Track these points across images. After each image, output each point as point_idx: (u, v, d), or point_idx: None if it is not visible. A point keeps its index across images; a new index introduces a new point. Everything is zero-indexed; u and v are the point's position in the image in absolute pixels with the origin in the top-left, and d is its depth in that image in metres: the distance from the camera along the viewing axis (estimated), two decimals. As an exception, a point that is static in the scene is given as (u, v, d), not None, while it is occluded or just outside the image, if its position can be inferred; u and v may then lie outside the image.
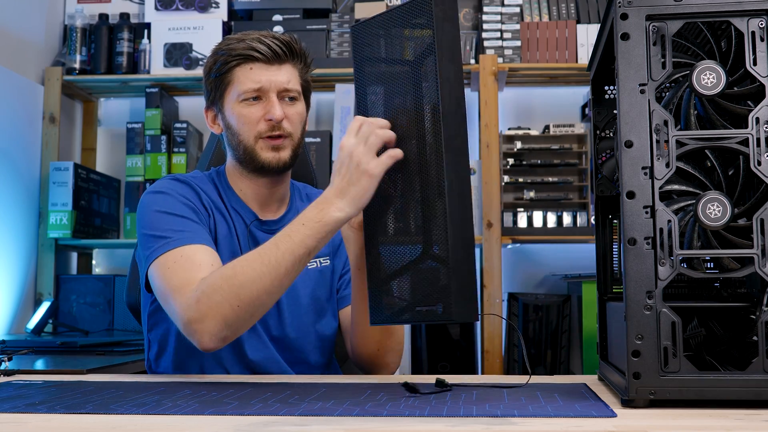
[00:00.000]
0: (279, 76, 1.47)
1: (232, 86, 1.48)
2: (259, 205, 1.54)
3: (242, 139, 1.48)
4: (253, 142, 1.47)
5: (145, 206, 1.46)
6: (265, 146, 1.47)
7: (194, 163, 3.14)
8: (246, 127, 1.47)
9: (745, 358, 1.02)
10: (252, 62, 1.47)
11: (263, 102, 1.47)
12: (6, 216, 2.78)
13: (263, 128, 1.47)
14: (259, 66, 1.47)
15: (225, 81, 1.49)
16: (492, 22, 3.02)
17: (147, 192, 1.49)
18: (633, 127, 1.03)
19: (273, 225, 1.53)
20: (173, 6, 3.12)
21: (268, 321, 1.49)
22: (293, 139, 1.49)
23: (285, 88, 1.48)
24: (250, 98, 1.47)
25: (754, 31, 1.02)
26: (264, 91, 1.47)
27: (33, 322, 2.68)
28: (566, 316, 2.91)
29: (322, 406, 1.01)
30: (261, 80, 1.46)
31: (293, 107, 1.50)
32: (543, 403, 1.05)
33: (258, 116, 1.47)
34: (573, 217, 2.91)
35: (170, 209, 1.43)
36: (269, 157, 1.48)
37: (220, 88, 1.50)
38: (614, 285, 1.33)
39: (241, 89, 1.47)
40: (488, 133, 2.91)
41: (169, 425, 0.91)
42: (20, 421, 0.94)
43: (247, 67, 1.47)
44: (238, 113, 1.47)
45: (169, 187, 1.48)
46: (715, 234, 1.03)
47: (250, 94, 1.46)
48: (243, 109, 1.47)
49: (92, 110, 3.32)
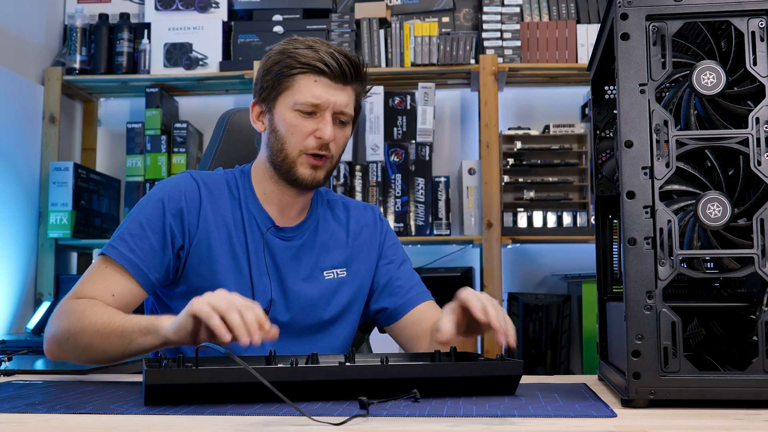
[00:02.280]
0: (340, 97, 1.45)
1: (290, 91, 1.45)
2: (280, 211, 1.52)
3: (286, 147, 1.46)
4: (296, 154, 1.45)
5: (145, 196, 1.48)
6: (306, 162, 1.45)
7: (194, 163, 3.14)
8: (294, 138, 1.45)
9: (745, 358, 1.02)
10: (318, 75, 1.44)
11: (317, 118, 1.44)
12: (6, 216, 2.78)
13: (311, 144, 1.44)
14: (324, 81, 1.44)
15: (284, 84, 1.45)
16: (492, 22, 3.02)
17: (158, 184, 1.50)
18: (633, 127, 1.03)
19: (290, 232, 1.52)
20: (173, 6, 3.12)
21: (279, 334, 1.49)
22: (332, 160, 1.48)
23: (342, 110, 1.45)
24: (305, 111, 1.44)
25: (754, 31, 1.02)
26: (321, 107, 1.44)
27: (33, 322, 2.68)
28: (566, 316, 2.91)
29: (322, 406, 1.01)
30: (321, 96, 1.43)
31: (342, 131, 1.48)
32: (543, 403, 1.05)
33: (309, 131, 1.44)
34: (573, 217, 2.91)
35: (144, 217, 1.43)
36: (306, 173, 1.46)
37: (277, 88, 1.46)
38: (614, 285, 1.33)
39: (299, 99, 1.43)
40: (488, 133, 2.92)
41: (169, 425, 0.91)
42: (20, 421, 0.94)
43: (311, 78, 1.44)
44: (290, 121, 1.45)
45: (170, 190, 1.46)
46: (715, 234, 1.03)
47: (307, 107, 1.43)
48: (295, 119, 1.44)
49: (92, 110, 3.32)
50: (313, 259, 1.53)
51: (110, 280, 1.38)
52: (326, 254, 1.54)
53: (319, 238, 1.55)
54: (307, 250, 1.53)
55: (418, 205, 2.95)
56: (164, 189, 1.47)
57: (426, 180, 2.96)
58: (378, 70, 3.01)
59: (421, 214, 2.95)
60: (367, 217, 1.62)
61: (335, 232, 1.57)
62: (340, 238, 1.57)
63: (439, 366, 1.17)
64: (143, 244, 1.41)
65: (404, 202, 2.95)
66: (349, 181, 2.96)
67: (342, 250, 1.56)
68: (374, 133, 2.98)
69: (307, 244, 1.53)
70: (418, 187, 2.96)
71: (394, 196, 2.96)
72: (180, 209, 1.45)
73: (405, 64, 3.02)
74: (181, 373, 1.04)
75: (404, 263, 1.61)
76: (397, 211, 2.95)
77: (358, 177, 2.96)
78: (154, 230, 1.42)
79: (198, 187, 1.48)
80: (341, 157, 1.53)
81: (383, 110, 3.00)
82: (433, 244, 3.04)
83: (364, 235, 1.59)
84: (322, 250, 1.54)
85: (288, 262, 1.50)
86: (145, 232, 1.41)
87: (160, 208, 1.44)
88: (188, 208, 1.45)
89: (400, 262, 1.60)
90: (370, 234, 1.60)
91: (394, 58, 3.04)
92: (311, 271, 1.52)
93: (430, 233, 2.94)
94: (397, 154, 2.97)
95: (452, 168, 3.17)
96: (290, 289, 1.49)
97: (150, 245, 1.41)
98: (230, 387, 1.04)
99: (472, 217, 2.98)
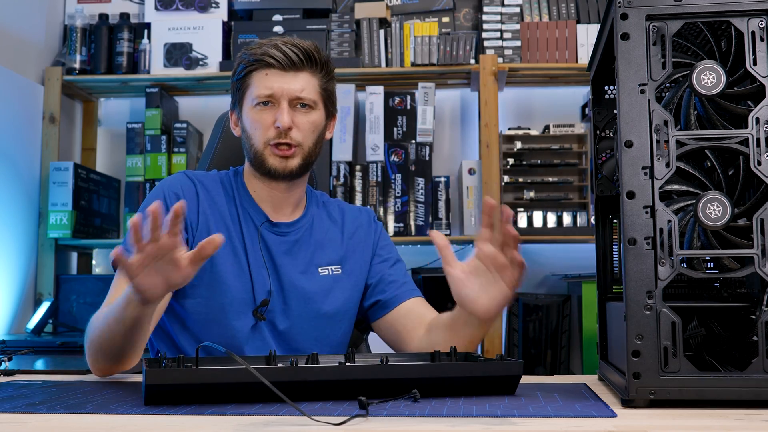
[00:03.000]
0: (292, 84, 1.48)
1: (249, 90, 1.50)
2: (273, 208, 1.55)
3: (253, 143, 1.50)
4: (262, 147, 1.49)
5: (146, 200, 1.52)
6: (272, 153, 1.48)
7: (194, 163, 3.14)
8: (257, 132, 1.49)
9: (745, 358, 1.02)
10: (267, 68, 1.48)
11: (275, 108, 1.48)
12: (6, 216, 2.78)
13: (272, 135, 1.48)
14: (274, 72, 1.48)
15: (244, 85, 1.51)
16: (492, 22, 3.02)
17: (159, 184, 1.53)
18: (633, 127, 1.03)
19: (285, 228, 1.54)
20: (173, 6, 3.12)
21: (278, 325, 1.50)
22: (303, 148, 1.49)
23: (297, 96, 1.48)
24: (261, 103, 1.48)
25: (754, 31, 1.02)
26: (275, 97, 1.47)
27: (33, 322, 2.68)
28: (566, 316, 2.91)
29: (322, 406, 1.01)
30: (273, 87, 1.47)
31: (306, 116, 1.50)
32: (543, 403, 1.05)
33: (268, 122, 1.48)
34: (573, 217, 2.91)
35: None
36: (276, 163, 1.48)
37: (240, 91, 1.52)
38: (614, 285, 1.33)
39: (254, 94, 1.48)
40: (488, 133, 2.92)
41: (169, 425, 0.91)
42: (20, 421, 0.94)
43: (262, 72, 1.48)
44: (252, 117, 1.49)
45: (172, 189, 1.50)
46: (715, 234, 1.03)
47: (261, 99, 1.47)
48: (255, 114, 1.49)
49: (92, 110, 3.32)
50: (309, 255, 1.55)
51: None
52: (321, 251, 1.56)
53: (314, 235, 1.57)
54: (302, 246, 1.55)
55: (418, 205, 2.95)
56: (162, 189, 1.51)
57: (426, 180, 2.96)
58: (378, 70, 3.01)
59: (421, 214, 2.95)
60: (362, 218, 1.64)
61: (330, 230, 1.59)
62: (335, 236, 1.59)
63: (439, 366, 1.17)
64: None
65: (404, 202, 2.95)
66: (349, 181, 2.96)
67: (337, 248, 1.58)
68: (374, 133, 2.98)
69: (302, 240, 1.55)
70: (418, 187, 2.96)
71: (394, 196, 2.96)
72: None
73: (405, 64, 3.02)
74: (181, 373, 1.04)
75: (397, 263, 1.63)
76: (397, 211, 2.95)
77: (358, 177, 2.96)
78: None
79: (194, 184, 1.52)
80: (320, 145, 1.54)
81: (383, 110, 3.00)
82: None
83: (359, 235, 1.61)
84: (317, 247, 1.56)
85: (283, 255, 1.52)
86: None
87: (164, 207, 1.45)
88: (187, 204, 1.48)
89: (393, 261, 1.62)
90: (365, 234, 1.62)
91: (394, 58, 3.04)
92: (306, 266, 1.53)
93: (430, 233, 2.93)
94: (397, 154, 2.97)
95: (452, 168, 3.17)
96: (287, 281, 1.51)
97: None
98: (230, 387, 1.04)
99: (472, 217, 2.98)
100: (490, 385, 1.13)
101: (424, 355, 1.27)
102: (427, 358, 1.26)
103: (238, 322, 1.47)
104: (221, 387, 1.04)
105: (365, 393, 0.97)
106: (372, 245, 1.62)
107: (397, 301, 1.56)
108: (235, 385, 1.04)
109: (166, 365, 1.11)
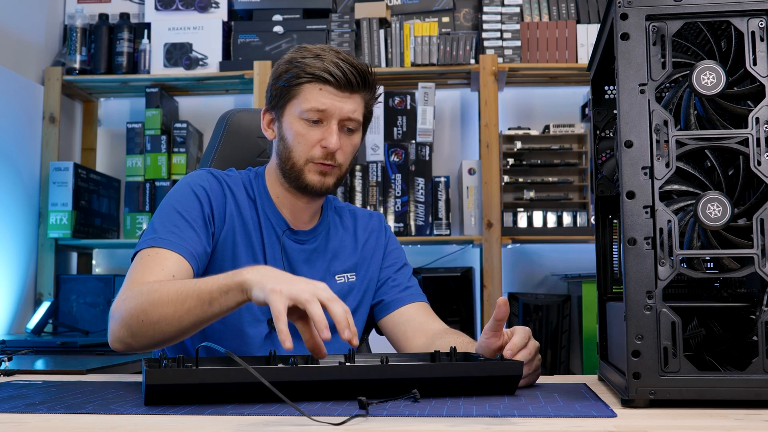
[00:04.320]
0: (346, 105, 1.46)
1: (297, 100, 1.46)
2: (293, 215, 1.54)
3: (293, 155, 1.47)
4: (303, 163, 1.46)
5: (170, 193, 1.47)
6: (313, 169, 1.46)
7: (195, 163, 3.14)
8: (300, 146, 1.46)
9: (745, 358, 1.02)
10: (323, 83, 1.45)
11: (323, 126, 1.45)
12: (6, 216, 2.78)
13: (317, 154, 1.45)
14: (329, 89, 1.45)
15: (291, 93, 1.47)
16: (492, 22, 3.02)
17: (183, 178, 1.50)
18: (633, 127, 1.03)
19: (304, 236, 1.54)
20: (173, 6, 3.12)
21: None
22: (341, 168, 1.49)
23: (348, 117, 1.46)
24: (311, 119, 1.45)
25: (754, 31, 1.02)
26: (327, 115, 1.45)
27: (33, 322, 2.68)
28: (566, 316, 2.91)
29: (322, 406, 1.01)
30: (327, 104, 1.44)
31: (350, 138, 1.48)
32: (543, 403, 1.05)
33: (315, 140, 1.45)
34: (573, 217, 2.91)
35: (181, 208, 1.43)
36: (315, 180, 1.47)
37: (285, 97, 1.48)
38: (614, 285, 1.33)
39: (305, 107, 1.45)
40: (488, 133, 2.92)
41: (169, 425, 0.91)
42: (20, 421, 0.94)
43: (317, 86, 1.45)
44: (296, 130, 1.46)
45: (200, 183, 1.48)
46: (715, 234, 1.03)
47: (312, 114, 1.44)
48: (301, 128, 1.46)
49: (92, 110, 3.32)
50: (326, 263, 1.55)
51: (167, 263, 1.35)
52: (337, 259, 1.57)
53: (331, 243, 1.58)
54: (320, 255, 1.55)
55: (418, 205, 2.95)
56: (188, 184, 1.48)
57: (426, 180, 2.96)
58: (378, 70, 3.01)
59: (421, 214, 2.95)
60: (373, 224, 1.65)
61: (344, 238, 1.60)
62: (348, 244, 1.60)
63: (439, 366, 1.17)
64: (189, 233, 1.40)
65: (404, 202, 2.95)
66: (349, 181, 2.96)
67: (351, 255, 1.59)
68: (374, 133, 2.98)
69: (319, 248, 1.56)
70: (418, 187, 2.96)
71: (394, 196, 2.96)
72: (209, 202, 1.47)
73: (405, 64, 3.02)
74: (181, 373, 1.04)
75: (404, 267, 1.64)
76: (397, 211, 2.95)
77: (358, 177, 2.96)
78: (194, 219, 1.43)
79: (221, 185, 1.50)
80: (352, 165, 1.53)
81: (383, 110, 3.00)
82: (433, 244, 3.04)
83: (371, 242, 1.63)
84: (333, 256, 1.57)
85: (302, 264, 1.52)
86: (187, 221, 1.41)
87: (195, 199, 1.45)
88: (216, 203, 1.47)
89: (400, 265, 1.64)
90: (376, 240, 1.63)
91: (394, 58, 3.04)
92: (324, 274, 1.54)
93: (430, 233, 2.94)
94: (397, 154, 2.97)
95: (452, 168, 3.17)
96: None
97: (195, 233, 1.41)
98: (230, 387, 1.04)
99: (472, 217, 2.98)
100: (490, 385, 1.13)
101: (424, 355, 1.27)
102: (427, 358, 1.26)
103: (253, 330, 1.47)
104: (221, 387, 1.04)
105: (365, 393, 0.97)
106: (382, 250, 1.63)
107: (398, 304, 1.57)
108: (235, 385, 1.04)
109: (166, 365, 1.11)
